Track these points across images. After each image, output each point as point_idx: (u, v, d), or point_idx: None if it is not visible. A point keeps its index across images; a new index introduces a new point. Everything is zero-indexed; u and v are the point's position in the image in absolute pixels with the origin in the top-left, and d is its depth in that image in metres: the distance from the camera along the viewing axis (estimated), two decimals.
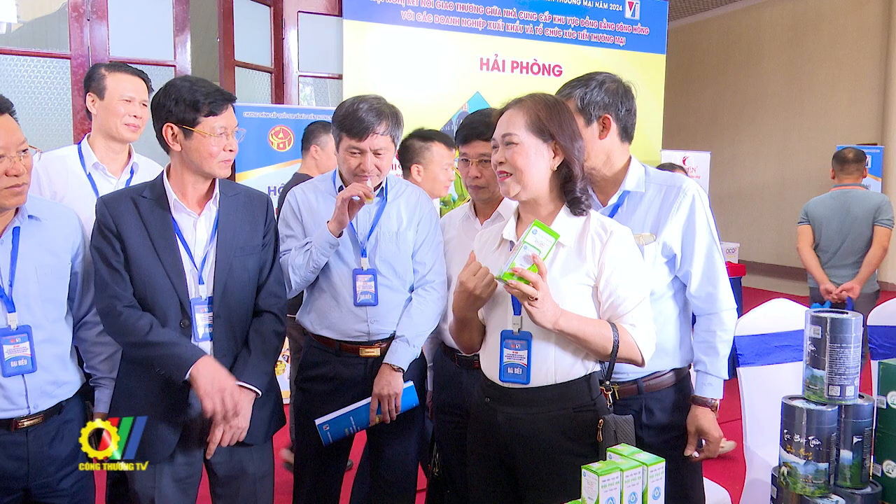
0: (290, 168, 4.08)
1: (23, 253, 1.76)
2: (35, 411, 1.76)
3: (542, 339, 1.64)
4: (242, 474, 1.97)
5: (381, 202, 2.23)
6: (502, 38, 5.18)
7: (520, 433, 1.65)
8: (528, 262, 1.55)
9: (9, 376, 1.72)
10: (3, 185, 1.66)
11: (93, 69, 2.50)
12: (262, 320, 1.98)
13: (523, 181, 1.64)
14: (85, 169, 2.39)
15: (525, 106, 1.66)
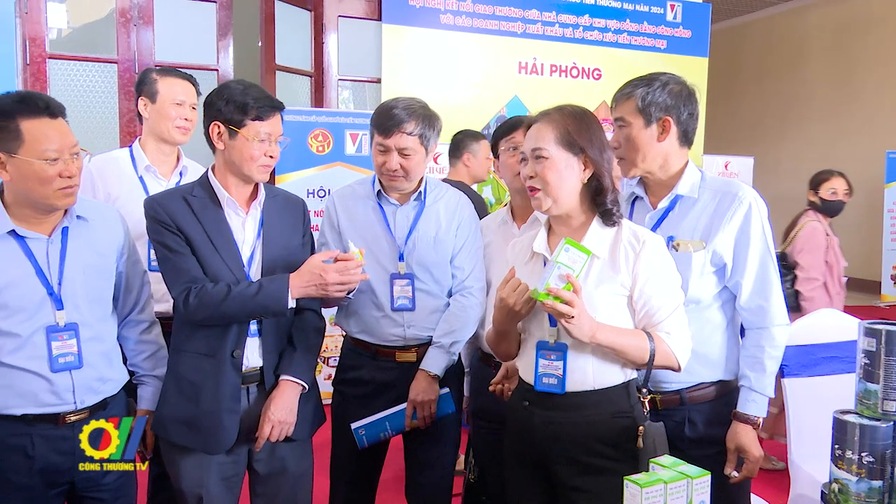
0: (329, 171, 4.11)
1: (71, 252, 1.80)
2: (81, 407, 1.80)
3: (578, 350, 1.64)
4: (283, 472, 1.99)
5: (419, 206, 2.22)
6: (541, 42, 5.15)
7: (557, 437, 1.64)
8: (563, 280, 1.55)
9: (57, 372, 1.76)
10: (57, 186, 1.70)
11: (144, 74, 2.56)
12: (303, 318, 2.02)
13: (554, 195, 1.64)
14: (137, 171, 2.46)
15: (553, 119, 1.65)
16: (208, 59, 4.45)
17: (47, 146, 1.68)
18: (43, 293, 1.75)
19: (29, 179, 1.68)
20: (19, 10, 3.92)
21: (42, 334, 1.75)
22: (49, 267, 1.77)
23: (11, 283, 1.72)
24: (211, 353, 1.87)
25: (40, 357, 1.75)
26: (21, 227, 1.74)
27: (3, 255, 1.72)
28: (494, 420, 2.21)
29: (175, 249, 1.85)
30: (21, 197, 1.73)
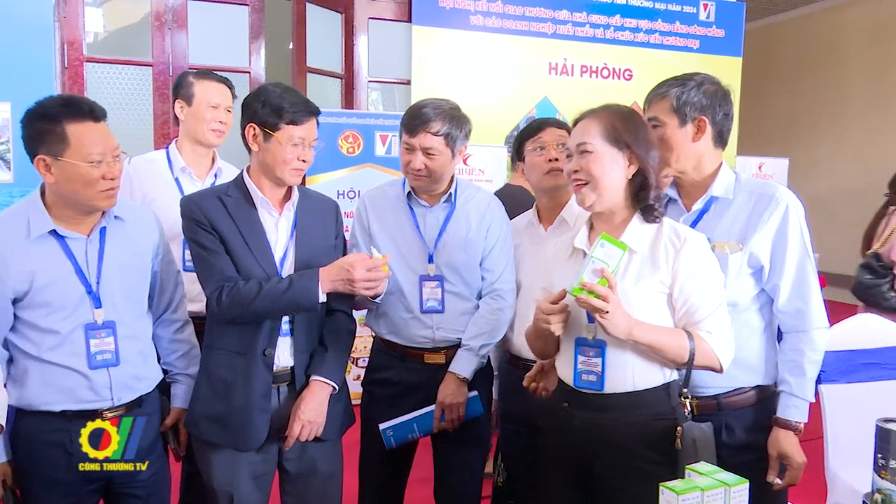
0: (359, 172, 4.13)
1: (109, 252, 1.84)
2: (118, 403, 1.83)
3: (617, 347, 1.62)
4: (313, 472, 2.00)
5: (449, 207, 2.22)
6: (571, 43, 5.11)
7: (597, 439, 1.64)
8: (598, 275, 1.55)
9: (94, 369, 1.80)
10: (101, 188, 1.74)
11: (181, 77, 2.60)
12: (334, 319, 2.03)
13: (598, 189, 1.63)
14: (173, 172, 2.50)
15: (600, 116, 1.66)
16: (240, 62, 4.50)
17: (92, 149, 1.71)
18: (82, 291, 1.79)
19: (74, 182, 1.72)
20: (58, 15, 4.00)
21: (81, 332, 1.79)
22: (88, 266, 1.81)
23: (52, 281, 1.75)
24: (243, 351, 1.89)
25: (79, 354, 1.78)
26: (61, 226, 1.78)
27: (45, 254, 1.76)
28: (523, 423, 2.20)
29: (209, 248, 1.87)
30: (64, 198, 1.76)
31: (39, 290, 1.75)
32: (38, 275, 1.74)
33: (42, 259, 1.75)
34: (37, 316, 1.76)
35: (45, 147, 1.71)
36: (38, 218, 1.76)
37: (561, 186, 2.19)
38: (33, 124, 1.73)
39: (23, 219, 1.76)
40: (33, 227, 1.75)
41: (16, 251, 1.73)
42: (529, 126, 2.27)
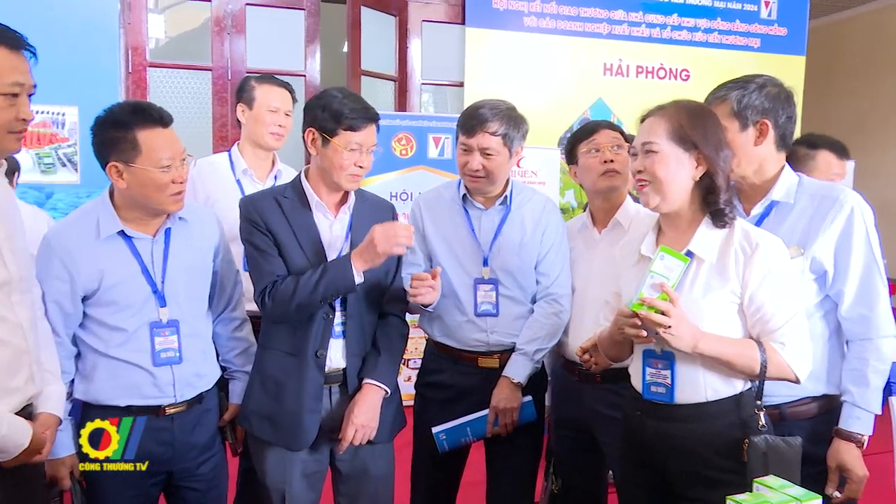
0: (412, 174, 4.15)
1: (173, 252, 1.89)
2: (180, 400, 1.88)
3: (686, 359, 1.58)
4: (365, 474, 2.01)
5: (504, 210, 2.20)
6: (627, 43, 5.03)
7: (670, 448, 1.60)
8: (657, 290, 1.51)
9: (158, 366, 1.85)
10: (170, 192, 1.79)
11: (244, 81, 2.66)
12: (387, 322, 2.03)
13: (662, 191, 1.58)
14: (235, 174, 2.55)
15: (667, 113, 1.60)
16: (296, 66, 4.56)
17: (162, 155, 1.76)
18: (148, 291, 1.84)
19: (146, 187, 1.77)
20: (123, 22, 4.13)
21: (146, 330, 1.84)
22: (153, 266, 1.86)
23: (120, 280, 1.81)
24: (294, 351, 1.91)
25: (144, 351, 1.84)
26: (129, 227, 1.83)
27: (113, 254, 1.81)
28: (577, 429, 2.17)
29: (262, 249, 1.89)
30: (134, 202, 1.81)
31: (108, 289, 1.80)
32: (106, 274, 1.79)
33: (111, 259, 1.80)
34: (105, 314, 1.82)
35: (116, 154, 1.76)
36: (108, 219, 1.81)
37: (616, 188, 2.16)
38: (105, 132, 1.77)
39: (92, 219, 1.81)
40: (103, 227, 1.80)
41: (86, 251, 1.78)
42: (582, 128, 2.24)
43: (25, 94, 1.46)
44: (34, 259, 1.75)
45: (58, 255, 1.77)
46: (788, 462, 1.49)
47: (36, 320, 1.63)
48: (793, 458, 1.50)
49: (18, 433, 1.48)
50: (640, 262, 1.69)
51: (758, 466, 1.47)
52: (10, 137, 1.46)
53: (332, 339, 1.93)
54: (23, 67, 1.46)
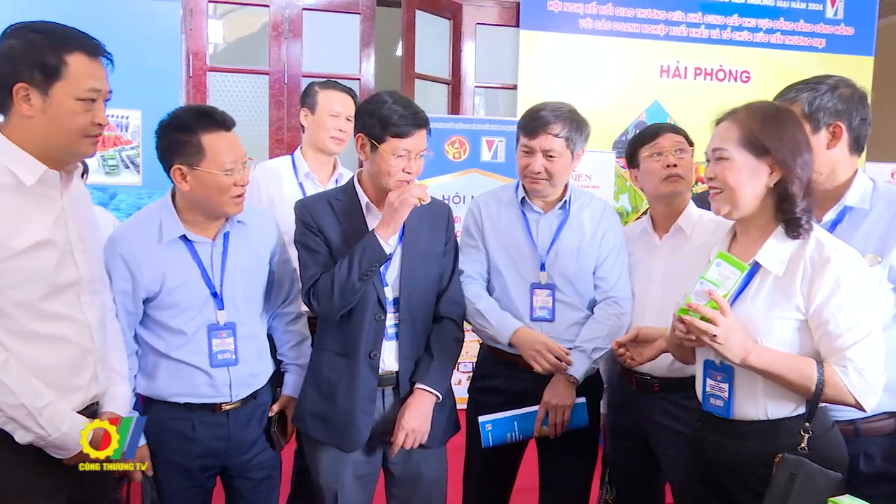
0: (465, 177, 4.14)
1: (231, 255, 1.91)
2: (235, 399, 1.92)
3: (745, 374, 1.52)
4: (418, 477, 2.00)
5: (563, 214, 2.17)
6: (685, 44, 4.92)
7: (728, 463, 1.55)
8: (706, 297, 1.47)
9: (216, 367, 1.88)
10: (232, 194, 1.82)
11: (308, 86, 2.70)
12: (442, 326, 2.02)
13: (734, 199, 1.52)
14: (297, 178, 2.59)
15: (738, 118, 1.54)
16: (351, 69, 4.60)
17: (225, 158, 1.79)
18: (207, 294, 1.87)
19: (209, 189, 1.80)
20: (184, 27, 4.23)
21: (204, 332, 1.87)
22: (212, 269, 1.89)
23: (181, 284, 1.85)
24: (346, 353, 1.91)
25: (202, 353, 1.87)
26: (190, 231, 1.86)
27: (175, 257, 1.85)
28: (634, 438, 2.12)
29: (312, 249, 1.91)
30: (196, 204, 1.85)
31: (169, 292, 1.84)
32: (168, 277, 1.83)
33: (172, 262, 1.84)
34: (166, 316, 1.85)
35: (181, 157, 1.78)
36: (170, 223, 1.85)
37: (679, 193, 2.11)
38: (169, 135, 1.81)
39: (155, 222, 1.85)
40: (165, 231, 1.84)
41: (148, 254, 1.82)
42: (645, 132, 2.19)
43: (102, 99, 1.51)
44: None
45: (121, 256, 1.81)
46: (816, 492, 1.40)
47: (105, 321, 1.68)
48: (823, 490, 1.40)
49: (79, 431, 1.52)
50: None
51: (779, 484, 1.41)
52: (87, 141, 1.51)
53: (385, 342, 1.93)
54: (100, 74, 1.50)
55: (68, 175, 1.57)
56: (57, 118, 1.46)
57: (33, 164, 1.47)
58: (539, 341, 2.04)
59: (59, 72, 1.44)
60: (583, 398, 2.09)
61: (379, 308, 1.91)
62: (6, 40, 1.46)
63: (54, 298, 1.51)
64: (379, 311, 1.91)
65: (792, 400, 1.51)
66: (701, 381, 1.61)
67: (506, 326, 2.08)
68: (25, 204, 1.47)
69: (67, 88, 1.45)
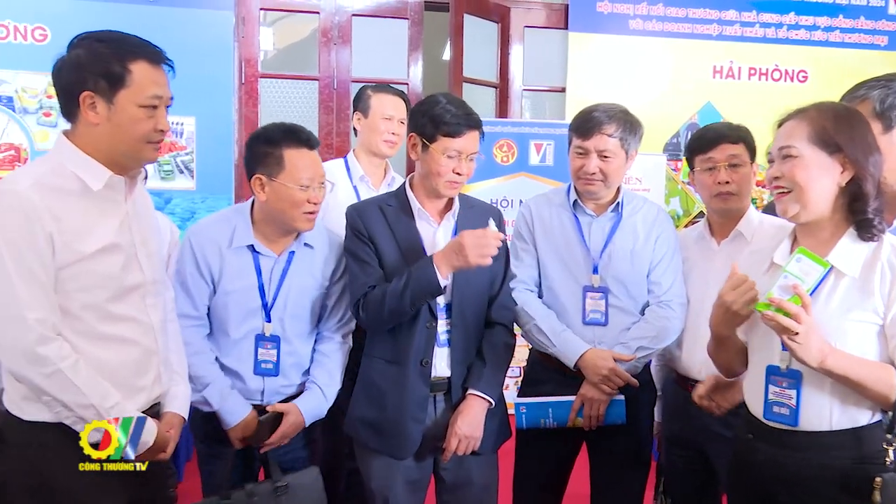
0: (513, 181, 4.11)
1: (291, 275, 1.97)
2: (264, 403, 1.98)
3: (815, 380, 1.45)
4: (469, 483, 1.99)
5: (616, 217, 2.14)
6: (739, 44, 4.81)
7: (784, 478, 1.48)
8: (789, 292, 1.39)
9: (256, 375, 1.96)
10: (304, 210, 1.89)
11: (361, 90, 2.72)
12: (494, 332, 2.00)
13: (803, 199, 1.46)
14: (352, 181, 2.61)
15: (809, 116, 1.48)
16: (399, 74, 4.62)
17: (303, 174, 1.86)
18: (257, 304, 1.94)
19: (283, 202, 1.87)
20: (237, 35, 4.31)
21: (251, 340, 1.95)
22: (270, 283, 1.95)
23: (238, 290, 1.92)
24: (396, 359, 1.91)
25: (245, 360, 1.95)
26: (259, 242, 1.93)
27: (239, 264, 1.93)
28: (690, 448, 2.08)
29: (361, 259, 1.92)
30: (270, 216, 1.92)
31: (223, 294, 1.91)
32: (224, 279, 1.90)
33: (233, 267, 1.92)
34: (216, 318, 1.95)
35: (262, 168, 1.88)
36: (243, 230, 1.93)
37: (731, 210, 2.05)
38: (256, 146, 1.91)
39: (229, 227, 1.94)
40: (236, 237, 1.93)
41: (215, 254, 1.92)
42: (703, 138, 2.12)
43: (163, 106, 1.54)
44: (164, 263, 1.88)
45: (192, 248, 1.92)
46: None
47: (167, 322, 1.72)
48: None
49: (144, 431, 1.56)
50: (772, 270, 1.57)
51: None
52: (149, 147, 1.55)
53: (437, 348, 1.93)
54: (162, 81, 1.54)
55: (132, 180, 1.61)
56: (121, 125, 1.50)
57: (100, 170, 1.52)
58: (606, 367, 2.00)
59: (123, 80, 1.48)
60: (621, 395, 2.05)
61: (430, 315, 1.91)
62: (73, 50, 1.50)
63: (121, 301, 1.55)
64: (430, 318, 1.91)
65: (865, 408, 1.45)
66: (761, 390, 1.53)
67: (572, 349, 2.05)
68: (92, 209, 1.52)
69: (131, 96, 1.49)
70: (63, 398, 1.45)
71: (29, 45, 3.96)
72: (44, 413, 1.48)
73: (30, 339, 1.41)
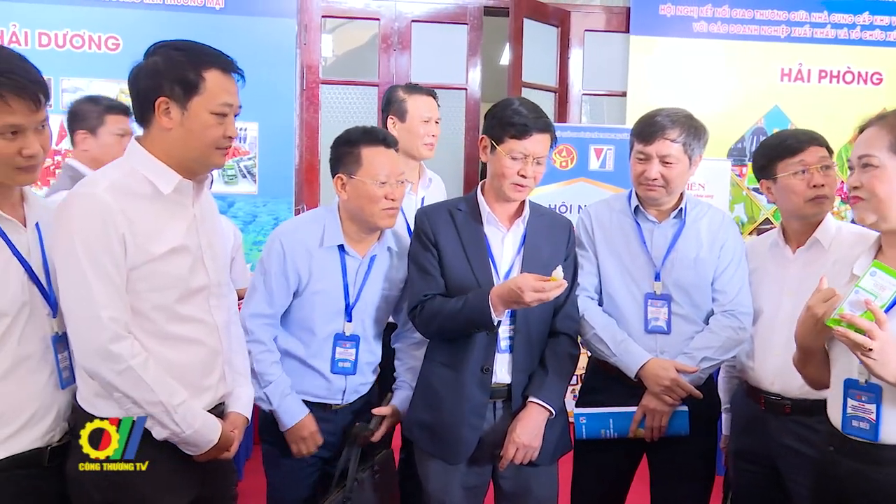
0: (572, 186, 4.06)
1: (372, 276, 2.03)
2: (345, 403, 2.05)
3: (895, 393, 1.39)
4: (527, 494, 1.98)
5: (679, 224, 2.09)
6: (808, 45, 4.65)
7: (866, 492, 1.43)
8: (861, 307, 1.35)
9: (335, 374, 2.01)
10: (382, 206, 1.94)
11: (391, 92, 2.68)
12: (558, 341, 1.98)
13: (881, 210, 1.42)
14: None
15: (888, 123, 1.43)
16: (458, 79, 4.63)
17: (380, 171, 1.93)
18: (341, 305, 2.00)
19: (362, 198, 1.94)
20: (299, 42, 4.40)
21: (331, 339, 2.00)
22: (354, 285, 2.00)
23: (325, 289, 1.98)
24: (455, 365, 1.91)
25: (325, 358, 2.00)
26: (347, 243, 1.99)
27: (327, 263, 1.99)
28: (760, 463, 2.00)
29: (423, 268, 1.93)
30: (352, 214, 1.99)
31: (312, 293, 1.98)
32: (314, 277, 1.96)
33: (323, 266, 1.98)
34: (302, 315, 2.00)
35: (343, 167, 1.96)
36: (333, 230, 1.99)
37: (821, 215, 1.97)
38: (338, 148, 2.00)
39: (319, 227, 2.00)
40: (327, 237, 1.99)
41: (306, 253, 1.97)
42: (785, 144, 2.01)
43: (233, 113, 1.58)
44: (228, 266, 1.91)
45: (282, 248, 1.97)
46: None
47: (230, 324, 1.76)
48: None
49: (210, 429, 1.60)
50: (852, 281, 1.51)
51: None
52: (218, 153, 1.59)
53: (498, 354, 1.92)
54: (232, 89, 1.58)
55: (199, 185, 1.65)
56: (193, 130, 1.54)
57: (170, 174, 1.56)
58: (668, 377, 1.96)
59: (197, 87, 1.52)
60: (685, 406, 2.00)
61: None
62: (150, 58, 1.55)
63: (187, 302, 1.59)
64: None
65: None
66: (840, 402, 1.49)
67: (633, 358, 2.01)
68: (162, 211, 1.56)
69: (204, 102, 1.53)
70: (133, 395, 1.49)
71: (102, 54, 4.12)
72: (115, 410, 1.52)
73: (103, 337, 1.45)
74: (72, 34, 4.10)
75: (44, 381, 1.51)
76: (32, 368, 1.49)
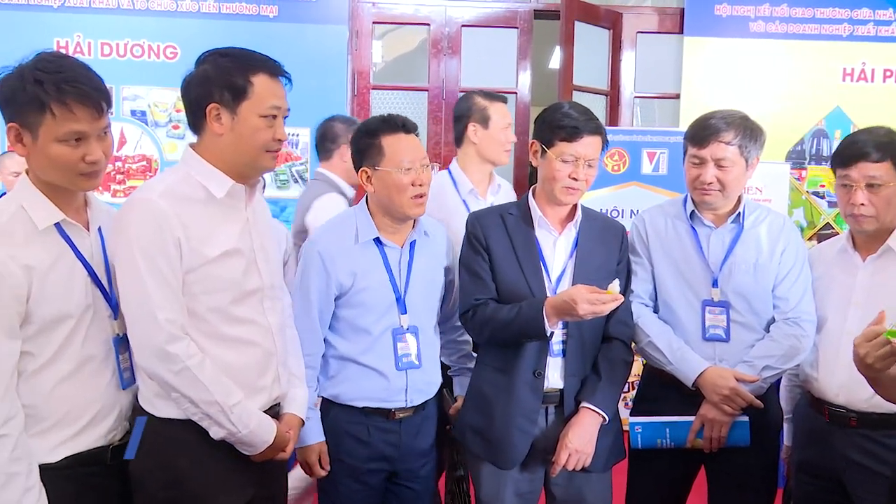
0: (624, 191, 4.00)
1: (416, 263, 1.99)
2: (409, 405, 1.97)
3: None
4: (580, 501, 1.95)
5: (737, 229, 2.03)
6: (872, 44, 4.48)
7: None
8: None
9: (400, 370, 1.94)
10: (410, 194, 1.90)
11: (469, 100, 2.67)
12: (611, 347, 1.95)
13: None
14: (459, 193, 2.58)
15: None
16: (507, 83, 4.61)
17: (403, 157, 1.89)
18: (392, 298, 1.95)
19: (389, 188, 1.90)
20: (350, 48, 4.44)
21: (388, 335, 1.95)
22: (400, 275, 1.97)
23: (371, 286, 1.94)
24: (506, 369, 1.89)
25: (386, 357, 1.94)
26: (382, 235, 1.96)
27: (367, 258, 1.95)
28: (823, 476, 1.93)
29: (474, 272, 1.92)
30: (381, 206, 1.95)
31: (358, 291, 1.93)
32: (358, 276, 1.93)
33: (364, 263, 1.94)
34: (354, 315, 1.95)
35: (366, 160, 1.93)
36: (365, 226, 1.96)
37: (867, 232, 1.89)
38: (359, 141, 1.96)
39: (351, 225, 1.97)
40: (361, 233, 1.95)
41: (344, 253, 1.94)
42: (842, 153, 1.92)
43: (281, 116, 1.61)
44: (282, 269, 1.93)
45: (319, 254, 1.93)
46: None
47: (284, 326, 1.77)
48: None
49: (265, 430, 1.62)
50: None
51: None
52: (267, 156, 1.61)
53: (551, 358, 1.90)
54: (280, 93, 1.60)
55: (252, 189, 1.67)
56: (243, 134, 1.56)
57: (223, 179, 1.59)
58: (727, 386, 1.90)
59: (245, 92, 1.55)
60: (745, 417, 1.94)
61: None
62: (200, 66, 1.59)
63: (241, 304, 1.61)
64: None
65: None
66: None
67: (690, 367, 1.95)
68: (216, 215, 1.59)
69: (253, 107, 1.55)
70: (190, 395, 1.51)
71: (161, 63, 4.24)
72: (174, 410, 1.55)
73: (160, 338, 1.49)
74: (132, 44, 4.23)
75: (106, 382, 1.55)
76: (95, 369, 1.53)
